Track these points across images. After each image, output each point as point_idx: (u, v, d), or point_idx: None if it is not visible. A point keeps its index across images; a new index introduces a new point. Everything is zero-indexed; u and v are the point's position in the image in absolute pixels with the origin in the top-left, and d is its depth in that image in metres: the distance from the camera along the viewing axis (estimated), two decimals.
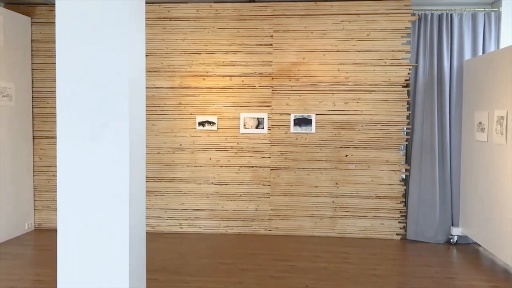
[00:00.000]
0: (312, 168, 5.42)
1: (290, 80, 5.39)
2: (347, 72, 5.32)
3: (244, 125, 5.44)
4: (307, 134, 5.40)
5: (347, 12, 5.29)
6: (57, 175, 2.50)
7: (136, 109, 2.58)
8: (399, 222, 5.38)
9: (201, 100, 5.48)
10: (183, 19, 5.46)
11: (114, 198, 2.48)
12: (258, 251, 4.88)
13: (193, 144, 5.52)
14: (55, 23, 2.50)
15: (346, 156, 5.37)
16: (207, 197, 5.54)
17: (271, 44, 5.40)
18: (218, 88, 5.46)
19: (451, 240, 5.23)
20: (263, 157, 5.47)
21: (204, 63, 5.46)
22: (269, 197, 5.49)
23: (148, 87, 5.46)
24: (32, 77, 5.60)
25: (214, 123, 5.46)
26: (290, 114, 5.41)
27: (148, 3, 5.40)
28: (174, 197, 5.57)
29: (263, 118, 5.42)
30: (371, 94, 5.31)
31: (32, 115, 5.63)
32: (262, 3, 5.37)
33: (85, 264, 2.52)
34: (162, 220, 5.58)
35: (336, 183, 5.40)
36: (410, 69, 5.27)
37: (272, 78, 5.41)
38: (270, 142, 5.45)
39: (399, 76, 5.27)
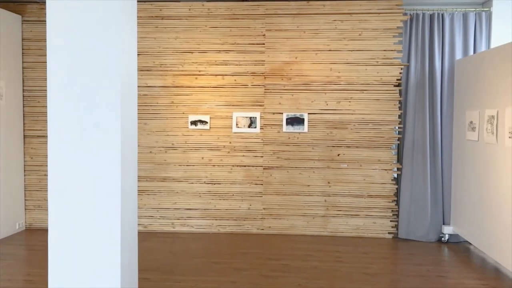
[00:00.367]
0: (305, 167, 5.42)
1: (282, 79, 5.39)
2: (339, 72, 5.34)
3: (236, 124, 5.44)
4: (299, 133, 5.40)
5: (339, 12, 5.30)
6: (48, 175, 2.48)
7: (128, 108, 2.58)
8: (391, 221, 5.41)
9: (193, 99, 5.47)
10: (175, 18, 5.45)
11: (105, 197, 2.47)
12: (251, 250, 4.88)
13: (185, 143, 5.51)
14: (46, 21, 2.48)
15: (338, 155, 5.39)
16: (200, 196, 5.53)
17: (264, 43, 5.40)
18: (211, 87, 5.45)
19: (442, 238, 5.27)
20: (256, 156, 5.47)
21: (196, 62, 5.45)
22: (261, 196, 5.49)
23: (140, 86, 5.44)
24: (23, 76, 5.56)
25: (207, 122, 5.45)
26: (282, 113, 5.41)
27: (140, 1, 5.38)
28: (166, 196, 5.55)
29: (256, 117, 5.42)
30: (363, 93, 5.33)
31: (23, 114, 5.59)
32: (254, 2, 5.37)
33: (76, 264, 2.51)
34: (154, 219, 5.57)
35: (328, 182, 5.41)
36: (401, 68, 5.29)
37: (265, 77, 5.41)
38: (262, 141, 5.45)
39: (391, 76, 5.29)
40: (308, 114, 5.38)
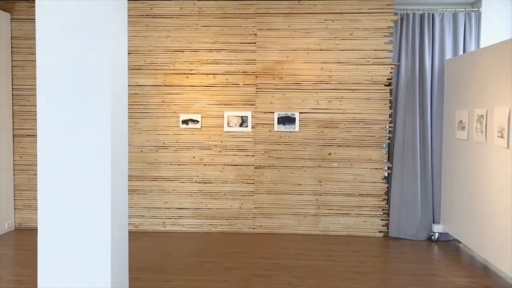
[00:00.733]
0: (296, 166, 5.44)
1: (274, 78, 5.40)
2: (330, 71, 5.35)
3: (228, 123, 5.43)
4: (290, 132, 5.41)
5: (330, 11, 5.32)
6: (37, 174, 2.47)
7: (118, 107, 2.56)
8: (381, 220, 5.44)
9: (184, 98, 5.45)
10: (166, 16, 5.43)
11: (95, 197, 2.46)
12: (242, 250, 4.88)
13: (176, 142, 5.49)
14: (35, 19, 2.46)
15: (329, 154, 5.40)
16: (191, 195, 5.52)
17: (255, 43, 5.40)
18: (202, 86, 5.44)
19: (432, 237, 5.30)
20: (247, 155, 5.47)
21: (187, 61, 5.43)
22: (253, 195, 5.49)
23: (131, 85, 5.41)
24: (12, 74, 5.51)
25: (198, 121, 5.44)
26: (274, 113, 5.41)
27: (130, 0, 5.36)
28: (157, 196, 5.54)
29: (247, 117, 5.42)
30: (354, 92, 5.35)
31: (12, 113, 5.54)
32: (245, 1, 5.36)
33: (66, 264, 2.49)
34: (145, 219, 5.55)
35: (320, 181, 5.43)
36: (392, 68, 5.32)
37: (256, 77, 5.41)
38: (254, 141, 5.45)
39: (382, 75, 5.32)
40: (300, 113, 5.39)
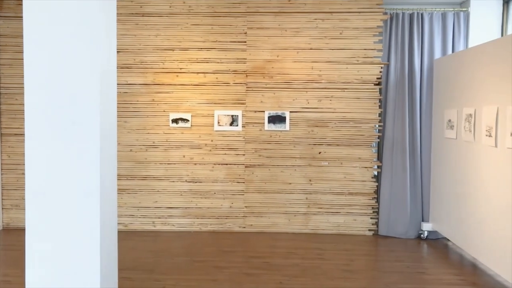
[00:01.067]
0: (286, 165, 5.44)
1: (264, 77, 5.40)
2: (320, 70, 5.36)
3: (218, 122, 5.42)
4: (281, 131, 5.42)
5: (320, 10, 5.33)
6: (25, 173, 2.44)
7: (107, 105, 2.55)
8: (371, 218, 5.46)
9: (174, 97, 5.43)
10: (156, 15, 5.40)
11: (84, 196, 2.44)
12: (232, 249, 4.88)
13: (166, 141, 5.47)
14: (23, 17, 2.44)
15: (320, 153, 5.42)
16: (181, 195, 5.50)
17: (245, 41, 5.39)
18: (192, 85, 5.42)
19: (422, 235, 5.34)
20: (238, 154, 5.46)
21: (177, 60, 5.41)
22: (243, 194, 5.49)
23: (120, 84, 5.37)
24: (0, 72, 5.46)
25: (188, 120, 5.42)
26: (264, 112, 5.41)
27: None
28: (147, 195, 5.51)
29: (238, 116, 5.41)
30: (344, 92, 5.37)
31: (0, 111, 5.48)
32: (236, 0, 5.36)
33: (54, 264, 2.47)
34: (135, 218, 5.52)
35: (310, 180, 5.44)
36: (381, 67, 5.34)
37: (247, 76, 5.41)
38: (244, 140, 5.45)
39: (371, 74, 5.34)
40: (290, 112, 5.40)
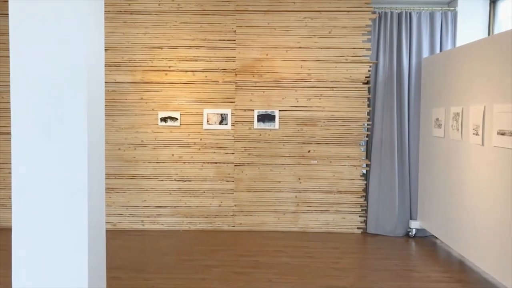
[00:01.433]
0: (275, 164, 5.45)
1: (253, 76, 5.39)
2: (309, 69, 5.37)
3: (207, 121, 5.41)
4: (270, 130, 5.42)
5: (309, 9, 5.33)
6: (12, 172, 2.41)
7: (95, 103, 2.52)
8: (360, 216, 5.49)
9: (163, 95, 5.40)
10: (145, 13, 5.37)
11: (72, 195, 2.42)
12: (222, 247, 4.87)
13: (155, 140, 5.44)
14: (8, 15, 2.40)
15: (309, 151, 5.43)
16: (170, 193, 5.48)
17: (234, 40, 5.38)
18: (181, 83, 5.40)
19: (410, 233, 5.38)
20: (227, 153, 5.45)
21: (166, 58, 5.39)
22: (232, 193, 5.48)
23: (109, 82, 5.33)
24: None
25: (177, 119, 5.40)
26: (253, 110, 5.41)
27: None
28: (135, 194, 5.48)
29: (227, 114, 5.41)
30: (333, 90, 5.38)
31: None
32: None
33: (41, 264, 2.45)
34: (123, 217, 5.49)
35: (299, 179, 5.45)
36: (370, 66, 5.37)
37: (236, 74, 5.40)
38: (233, 138, 5.44)
39: (360, 73, 5.37)
40: (279, 111, 5.40)
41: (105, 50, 2.74)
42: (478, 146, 3.97)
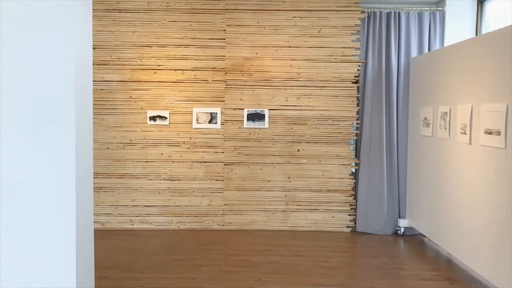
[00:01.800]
0: (265, 163, 5.45)
1: (243, 75, 5.39)
2: (299, 68, 5.38)
3: (197, 120, 5.39)
4: (260, 129, 5.42)
5: (299, 8, 5.34)
6: None
7: (83, 102, 2.50)
8: (349, 215, 5.51)
9: (152, 94, 5.38)
10: (133, 11, 5.33)
11: (59, 195, 2.40)
12: (211, 246, 4.86)
13: (144, 139, 5.41)
14: None
15: (298, 150, 5.44)
16: (159, 193, 5.45)
17: (224, 39, 5.37)
18: (170, 82, 5.38)
19: (398, 231, 5.42)
20: (216, 152, 5.44)
21: (155, 57, 5.36)
22: (222, 192, 5.47)
23: (97, 81, 5.29)
24: None
25: (166, 118, 5.37)
26: (243, 109, 5.41)
27: None
28: (124, 193, 5.45)
29: (216, 113, 5.40)
30: (322, 90, 5.40)
31: None
32: None
33: (29, 265, 2.42)
34: (112, 217, 5.45)
35: (289, 177, 5.46)
36: (359, 65, 5.39)
37: (225, 73, 5.39)
38: (223, 137, 5.43)
39: (349, 73, 5.39)
40: (269, 110, 5.40)
41: (93, 48, 2.73)
42: (465, 145, 4.00)
